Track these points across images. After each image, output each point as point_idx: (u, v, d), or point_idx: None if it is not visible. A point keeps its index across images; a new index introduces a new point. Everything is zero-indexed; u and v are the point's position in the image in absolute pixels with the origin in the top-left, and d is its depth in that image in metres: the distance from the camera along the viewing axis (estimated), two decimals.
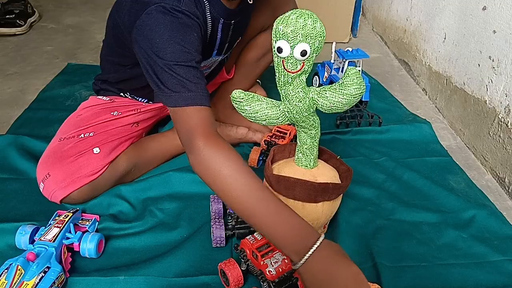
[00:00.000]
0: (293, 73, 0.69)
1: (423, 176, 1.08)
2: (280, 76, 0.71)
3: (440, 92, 1.41)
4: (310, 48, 0.67)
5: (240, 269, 0.76)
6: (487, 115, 1.15)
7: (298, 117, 0.74)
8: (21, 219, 0.90)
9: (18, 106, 1.33)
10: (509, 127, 1.06)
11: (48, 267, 0.75)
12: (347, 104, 0.71)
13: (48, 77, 1.51)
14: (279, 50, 0.67)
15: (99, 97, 1.07)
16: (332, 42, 1.38)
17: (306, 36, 0.65)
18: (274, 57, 0.70)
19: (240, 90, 0.74)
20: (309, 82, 1.41)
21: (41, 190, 0.92)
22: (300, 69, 0.69)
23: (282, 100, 0.74)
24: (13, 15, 1.85)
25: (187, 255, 0.84)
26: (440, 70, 1.41)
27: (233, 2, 0.89)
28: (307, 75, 0.72)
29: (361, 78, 0.71)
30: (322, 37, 0.67)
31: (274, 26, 0.67)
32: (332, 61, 1.38)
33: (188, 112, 0.74)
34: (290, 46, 0.66)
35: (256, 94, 0.75)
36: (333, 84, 0.72)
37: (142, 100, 1.08)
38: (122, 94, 1.07)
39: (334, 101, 0.71)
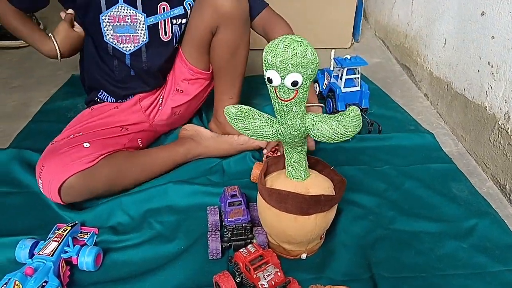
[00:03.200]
0: (286, 101, 0.68)
1: (425, 184, 1.07)
2: (275, 103, 0.70)
3: (441, 98, 1.40)
4: (302, 77, 0.65)
5: (235, 281, 0.76)
6: (487, 122, 1.13)
7: (289, 140, 0.74)
8: (22, 232, 0.91)
9: (22, 119, 1.35)
10: (509, 133, 1.05)
11: (46, 281, 0.76)
12: (338, 139, 0.71)
13: (51, 89, 1.54)
14: (269, 80, 0.66)
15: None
16: (331, 49, 1.38)
17: (297, 66, 0.63)
18: (267, 84, 0.69)
19: (235, 106, 0.74)
20: None
21: (41, 188, 0.94)
22: (294, 97, 0.68)
23: (277, 120, 0.74)
24: None
25: (184, 267, 0.84)
26: (440, 76, 1.40)
27: None
28: (305, 102, 0.70)
29: (360, 121, 0.69)
30: (315, 64, 0.65)
31: (263, 55, 0.65)
32: (331, 68, 1.38)
33: None
34: (281, 77, 0.65)
35: (251, 110, 0.75)
36: (330, 117, 0.71)
37: (110, 100, 1.14)
38: (97, 99, 1.14)
39: (327, 135, 0.71)
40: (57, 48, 1.04)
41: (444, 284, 0.82)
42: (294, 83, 0.65)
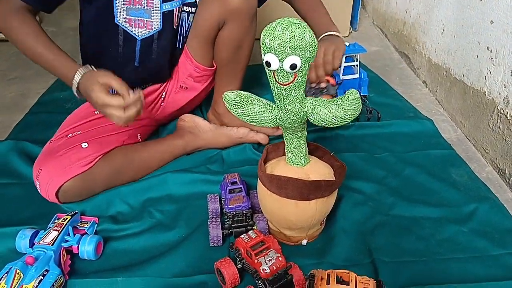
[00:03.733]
0: (285, 85, 0.68)
1: (424, 170, 1.08)
2: (273, 88, 0.70)
3: (440, 84, 1.39)
4: (301, 60, 0.64)
5: (236, 267, 0.76)
6: (487, 107, 1.13)
7: (289, 125, 0.74)
8: (22, 223, 0.91)
9: (20, 111, 1.35)
10: (508, 118, 1.05)
11: (47, 270, 0.76)
12: (338, 123, 0.71)
13: (49, 80, 1.53)
14: (268, 64, 0.65)
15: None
16: None
17: (295, 48, 0.63)
18: (265, 68, 0.68)
19: (234, 92, 0.74)
20: None
21: (39, 190, 0.93)
22: (293, 81, 0.67)
23: (276, 105, 0.73)
24: None
25: (184, 255, 0.85)
26: (439, 62, 1.40)
27: None
28: (304, 86, 0.69)
29: (359, 104, 0.69)
30: (313, 46, 0.64)
31: (261, 39, 0.65)
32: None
33: None
34: (279, 60, 0.64)
35: (251, 95, 0.75)
36: (330, 101, 0.71)
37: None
38: None
39: (326, 119, 0.71)
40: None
41: (445, 268, 0.83)
42: (293, 66, 0.64)
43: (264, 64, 0.67)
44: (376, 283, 0.70)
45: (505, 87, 1.06)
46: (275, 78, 0.68)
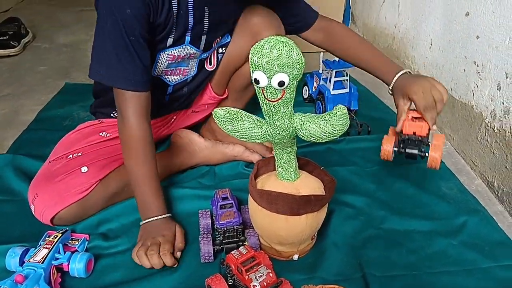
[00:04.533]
0: (274, 101, 0.69)
1: (414, 183, 1.09)
2: (263, 104, 0.71)
3: None
4: (289, 77, 0.66)
5: (227, 284, 0.76)
6: (475, 120, 1.15)
7: (278, 141, 0.75)
8: (13, 240, 0.90)
9: (12, 128, 1.35)
10: (495, 131, 1.06)
11: None
12: (326, 138, 0.72)
13: (42, 97, 1.53)
14: (256, 81, 0.67)
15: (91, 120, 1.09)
16: (320, 52, 1.39)
17: (283, 66, 0.64)
18: (254, 85, 0.69)
19: (223, 108, 0.74)
20: (298, 91, 1.42)
21: (33, 212, 0.93)
22: (281, 97, 0.68)
23: (266, 121, 0.74)
24: (7, 37, 1.88)
25: (176, 271, 0.84)
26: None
27: None
28: (292, 102, 0.71)
29: (347, 120, 0.70)
30: (300, 64, 0.66)
31: (250, 57, 0.66)
32: (320, 71, 1.39)
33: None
34: (267, 77, 0.66)
35: (240, 111, 0.75)
36: (318, 117, 0.72)
37: None
38: (112, 114, 1.08)
39: (315, 134, 0.72)
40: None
41: (435, 281, 0.83)
42: (281, 83, 0.66)
43: (253, 82, 0.68)
44: None
45: (491, 101, 1.08)
46: (264, 95, 0.69)
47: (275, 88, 0.67)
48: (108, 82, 0.88)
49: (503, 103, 1.04)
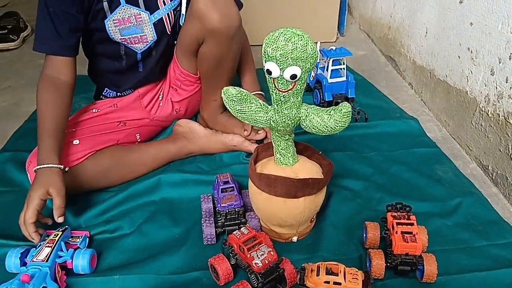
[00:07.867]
0: (284, 92, 0.70)
1: (411, 167, 1.11)
2: (272, 93, 0.72)
3: (425, 86, 1.44)
4: (301, 70, 0.67)
5: (230, 263, 0.78)
6: (469, 106, 1.18)
7: (281, 128, 0.77)
8: (13, 235, 0.90)
9: (13, 120, 1.36)
10: (489, 116, 1.09)
11: (45, 287, 0.75)
12: (327, 133, 0.75)
13: None
14: (269, 72, 0.67)
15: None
16: (316, 42, 1.41)
17: (297, 59, 0.65)
18: (265, 74, 0.70)
19: (235, 88, 0.75)
20: None
21: (29, 179, 0.95)
22: (292, 88, 0.70)
23: (273, 108, 0.75)
24: (6, 31, 1.89)
25: (179, 253, 0.87)
26: (423, 64, 1.44)
27: None
28: (302, 93, 0.72)
29: (350, 118, 0.73)
30: (314, 58, 0.66)
31: (263, 46, 0.66)
32: (317, 60, 1.40)
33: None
34: (280, 69, 0.66)
35: (250, 94, 0.76)
36: (323, 110, 0.74)
37: (114, 95, 1.16)
38: (102, 96, 1.17)
39: (317, 127, 0.74)
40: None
41: None
42: (293, 76, 0.67)
43: (265, 72, 0.69)
44: (364, 274, 0.72)
45: (485, 86, 1.10)
46: (274, 85, 0.70)
47: (286, 80, 0.68)
48: (35, 48, 0.99)
49: (496, 87, 1.06)
